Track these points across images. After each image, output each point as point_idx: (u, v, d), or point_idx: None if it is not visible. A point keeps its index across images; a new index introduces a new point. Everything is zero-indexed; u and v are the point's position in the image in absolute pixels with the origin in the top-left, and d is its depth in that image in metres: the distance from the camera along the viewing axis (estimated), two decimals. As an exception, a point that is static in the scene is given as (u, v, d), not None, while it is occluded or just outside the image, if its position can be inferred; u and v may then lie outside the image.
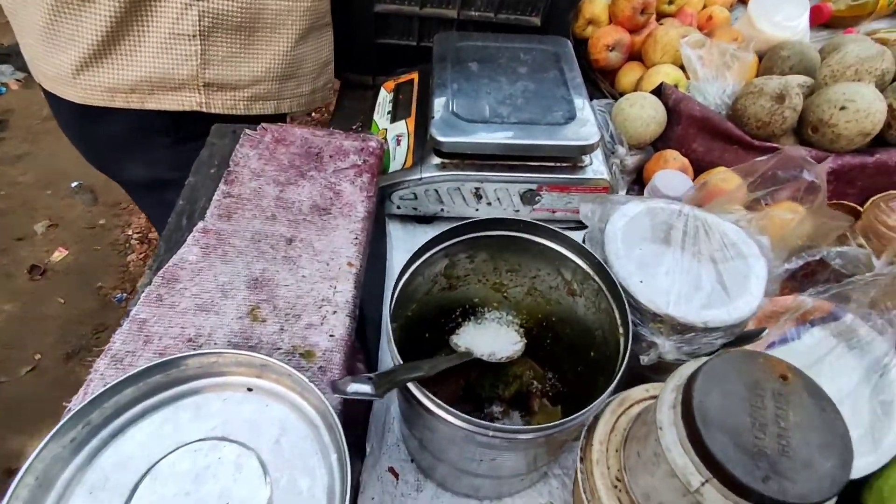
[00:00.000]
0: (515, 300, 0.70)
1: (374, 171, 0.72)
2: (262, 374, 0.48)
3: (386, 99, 1.02)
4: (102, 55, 0.80)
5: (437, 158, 0.84)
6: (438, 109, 0.83)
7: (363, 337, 0.73)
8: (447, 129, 0.80)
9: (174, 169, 0.75)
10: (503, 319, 0.70)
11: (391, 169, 0.87)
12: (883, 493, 0.58)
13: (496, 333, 0.68)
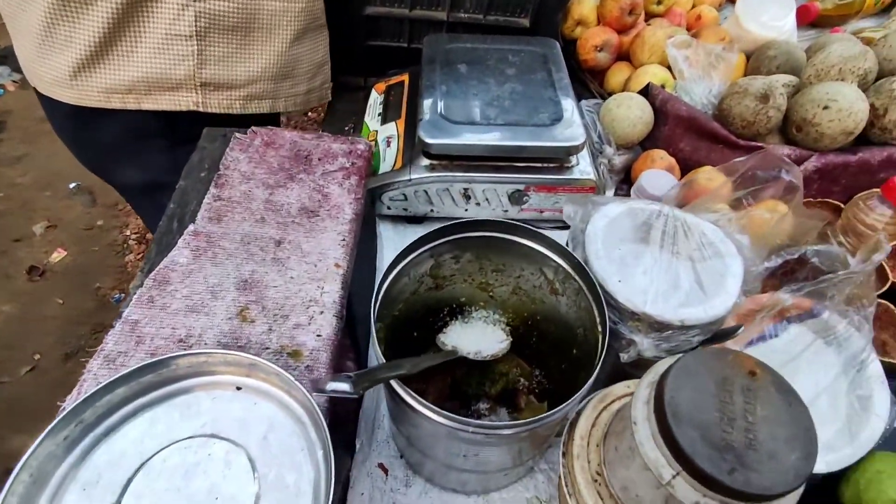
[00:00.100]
0: (501, 299, 0.71)
1: (362, 173, 0.73)
2: (250, 373, 0.49)
3: (377, 101, 1.03)
4: (99, 56, 0.81)
5: (425, 160, 0.85)
6: (427, 111, 0.84)
7: (353, 336, 0.74)
8: (435, 131, 0.81)
9: (170, 172, 0.76)
10: (490, 318, 0.71)
11: (381, 170, 0.88)
12: (859, 485, 0.60)
13: (483, 332, 0.69)
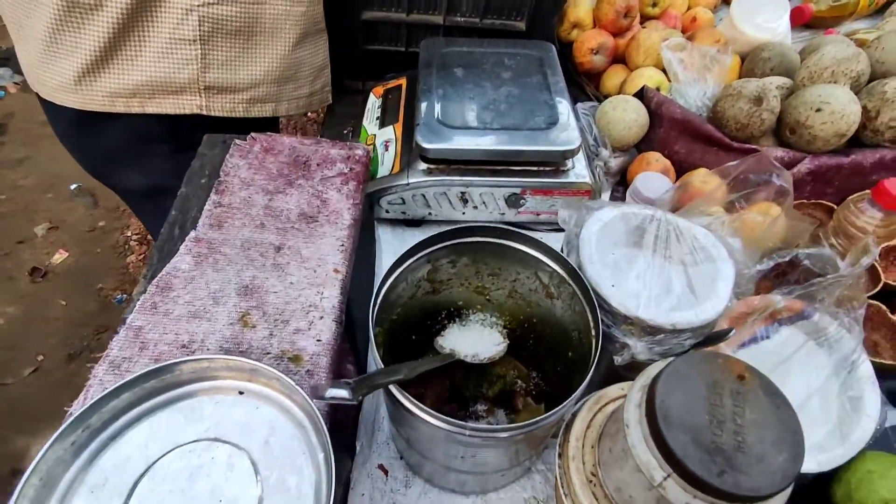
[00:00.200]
0: (498, 302, 0.72)
1: (360, 178, 0.74)
2: (252, 377, 0.50)
3: (375, 104, 1.04)
4: (104, 61, 0.82)
5: (423, 164, 0.86)
6: (424, 116, 0.85)
7: (353, 340, 0.75)
8: (432, 135, 0.83)
9: (173, 176, 0.77)
10: (487, 321, 0.72)
11: (379, 174, 0.89)
12: (850, 484, 0.61)
13: (480, 335, 0.70)
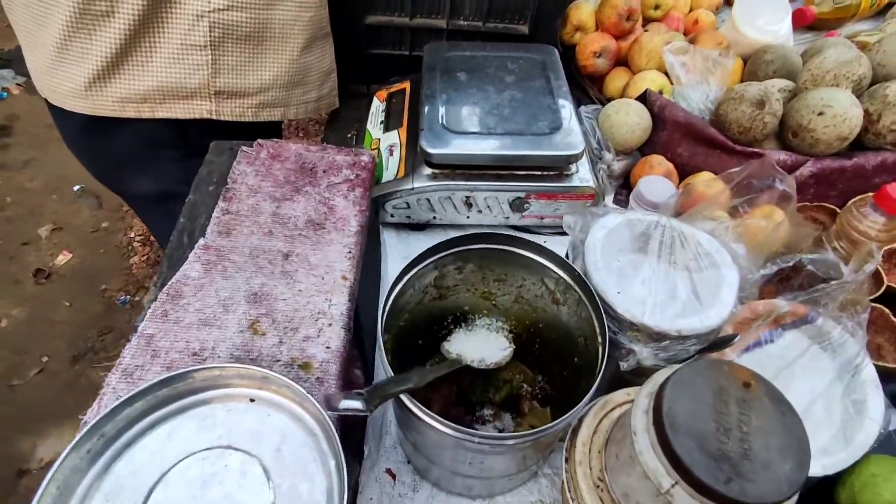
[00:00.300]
0: (504, 307, 0.72)
1: (366, 185, 0.75)
2: (263, 385, 0.51)
3: (379, 108, 1.04)
4: (115, 67, 0.82)
5: (428, 169, 0.87)
6: (428, 121, 0.86)
7: (360, 345, 0.76)
8: (436, 141, 0.83)
9: (182, 182, 0.77)
10: (493, 326, 0.73)
11: (384, 179, 0.90)
12: (854, 488, 0.61)
13: (486, 339, 0.70)
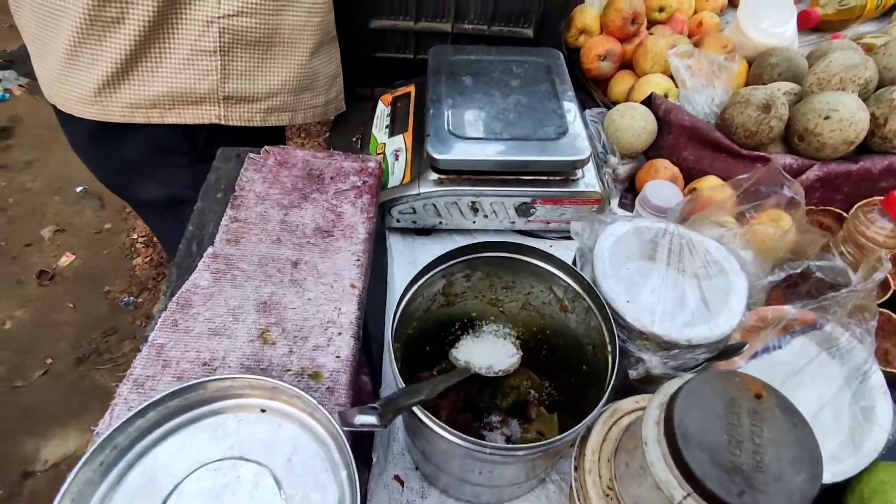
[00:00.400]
0: (511, 314, 0.72)
1: (373, 191, 0.75)
2: (273, 395, 0.51)
3: (384, 112, 1.04)
4: (125, 73, 0.82)
5: (434, 174, 0.87)
6: (434, 126, 0.86)
7: (367, 350, 0.76)
8: (443, 147, 0.83)
9: (190, 187, 0.77)
10: (500, 332, 0.73)
11: (390, 184, 0.90)
12: (864, 494, 0.61)
13: (493, 346, 0.71)
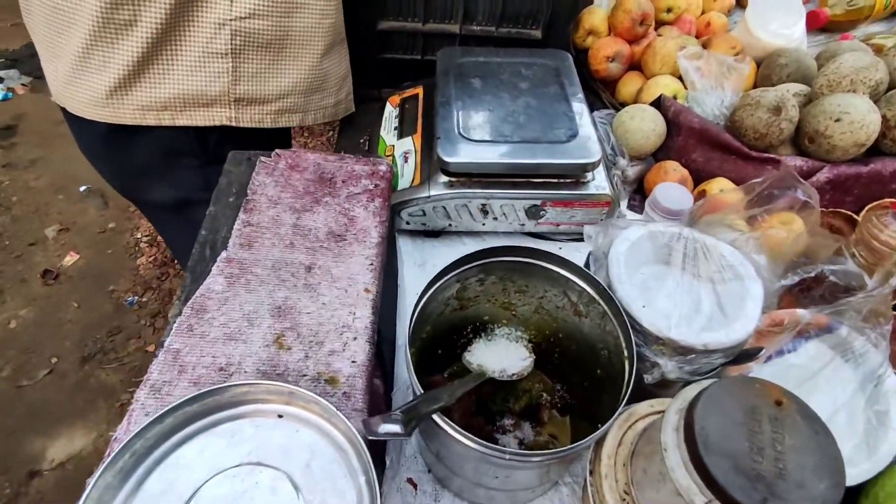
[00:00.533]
0: (524, 317, 0.72)
1: (385, 195, 0.75)
2: (290, 401, 0.51)
3: (392, 114, 1.04)
4: (136, 75, 0.82)
5: (444, 177, 0.87)
6: (444, 129, 0.86)
7: (379, 353, 0.76)
8: (453, 149, 0.83)
9: (201, 189, 0.77)
10: (512, 335, 0.73)
11: (400, 186, 0.90)
12: (879, 499, 0.61)
13: (506, 349, 0.71)
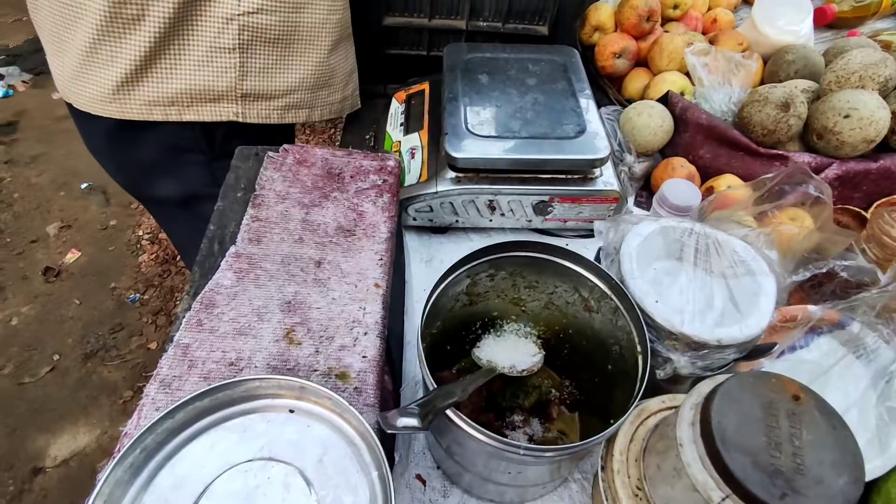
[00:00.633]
0: (533, 313, 0.72)
1: (393, 190, 0.75)
2: (301, 396, 0.50)
3: (398, 110, 1.04)
4: (144, 71, 0.82)
5: (451, 172, 0.86)
6: (451, 125, 0.85)
7: (387, 348, 0.76)
8: (461, 145, 0.83)
9: (209, 185, 0.77)
10: (521, 331, 0.72)
11: (406, 182, 0.89)
12: (891, 495, 0.61)
13: (515, 345, 0.70)
